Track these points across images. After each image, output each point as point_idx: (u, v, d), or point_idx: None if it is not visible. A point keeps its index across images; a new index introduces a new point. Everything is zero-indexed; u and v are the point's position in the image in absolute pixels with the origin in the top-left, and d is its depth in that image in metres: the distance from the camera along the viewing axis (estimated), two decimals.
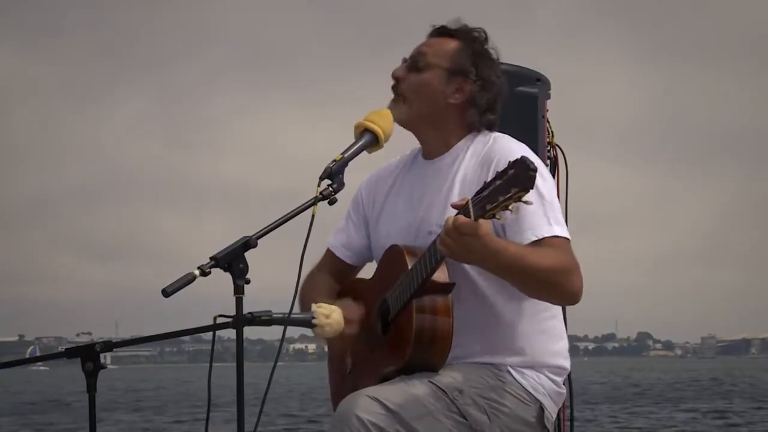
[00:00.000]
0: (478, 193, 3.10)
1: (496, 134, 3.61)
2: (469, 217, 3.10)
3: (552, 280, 3.32)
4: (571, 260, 3.37)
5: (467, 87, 3.56)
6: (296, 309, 3.36)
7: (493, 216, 3.08)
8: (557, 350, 3.58)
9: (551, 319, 3.57)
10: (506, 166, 3.06)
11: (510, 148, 3.52)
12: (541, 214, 3.37)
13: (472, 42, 3.59)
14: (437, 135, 3.61)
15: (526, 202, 3.05)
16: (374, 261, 3.78)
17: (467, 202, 3.12)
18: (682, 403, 32.92)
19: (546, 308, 3.54)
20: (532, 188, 3.03)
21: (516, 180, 3.03)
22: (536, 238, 3.36)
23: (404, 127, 3.63)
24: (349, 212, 3.83)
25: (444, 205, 3.51)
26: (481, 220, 3.11)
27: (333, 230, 3.86)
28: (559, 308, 3.61)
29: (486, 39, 3.61)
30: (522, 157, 3.06)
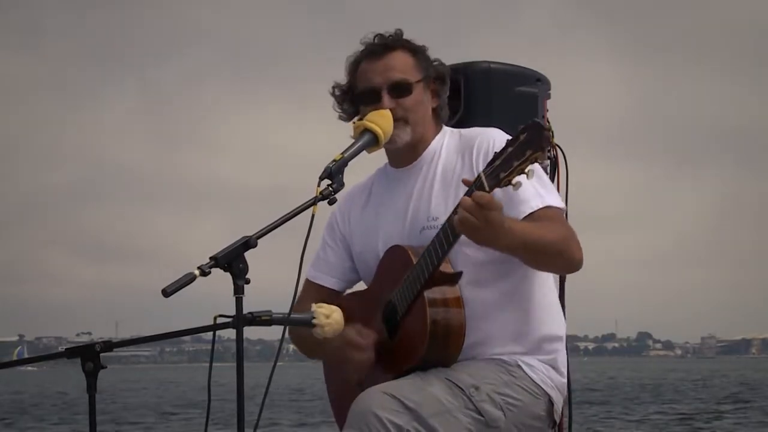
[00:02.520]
0: (490, 163, 3.12)
1: (462, 129, 3.68)
2: (484, 190, 3.11)
3: (557, 250, 3.37)
4: (568, 229, 3.44)
5: (435, 88, 3.63)
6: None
7: (509, 183, 3.09)
8: (558, 322, 3.63)
9: (549, 293, 3.62)
10: (518, 131, 3.08)
11: (484, 128, 3.62)
12: (530, 187, 3.39)
13: (412, 46, 3.63)
14: (418, 142, 3.63)
15: (542, 163, 3.07)
16: (361, 280, 3.76)
17: (479, 176, 3.13)
18: (681, 403, 32.93)
19: (542, 283, 3.58)
20: (549, 146, 3.04)
21: (530, 142, 3.05)
22: (531, 211, 3.41)
23: (402, 149, 3.61)
24: (324, 240, 3.82)
25: (430, 198, 3.54)
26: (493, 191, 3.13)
27: (308, 264, 3.79)
28: (552, 281, 3.66)
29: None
30: (533, 120, 3.09)
